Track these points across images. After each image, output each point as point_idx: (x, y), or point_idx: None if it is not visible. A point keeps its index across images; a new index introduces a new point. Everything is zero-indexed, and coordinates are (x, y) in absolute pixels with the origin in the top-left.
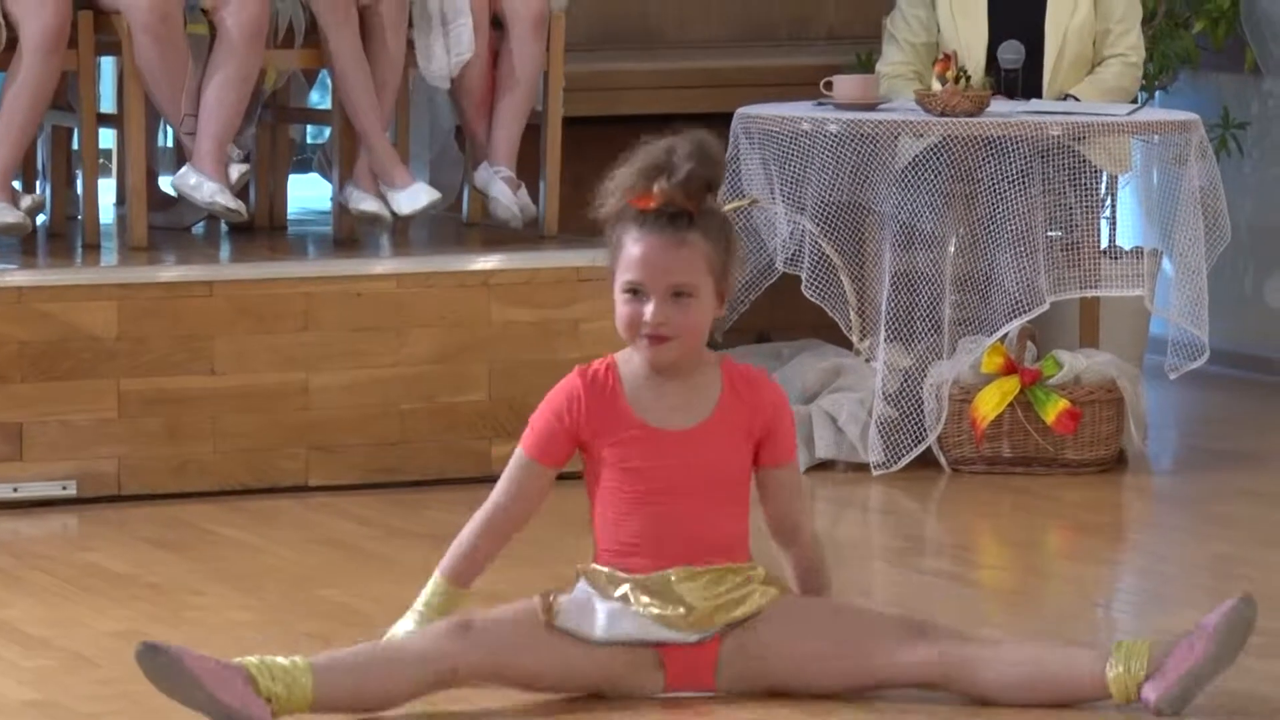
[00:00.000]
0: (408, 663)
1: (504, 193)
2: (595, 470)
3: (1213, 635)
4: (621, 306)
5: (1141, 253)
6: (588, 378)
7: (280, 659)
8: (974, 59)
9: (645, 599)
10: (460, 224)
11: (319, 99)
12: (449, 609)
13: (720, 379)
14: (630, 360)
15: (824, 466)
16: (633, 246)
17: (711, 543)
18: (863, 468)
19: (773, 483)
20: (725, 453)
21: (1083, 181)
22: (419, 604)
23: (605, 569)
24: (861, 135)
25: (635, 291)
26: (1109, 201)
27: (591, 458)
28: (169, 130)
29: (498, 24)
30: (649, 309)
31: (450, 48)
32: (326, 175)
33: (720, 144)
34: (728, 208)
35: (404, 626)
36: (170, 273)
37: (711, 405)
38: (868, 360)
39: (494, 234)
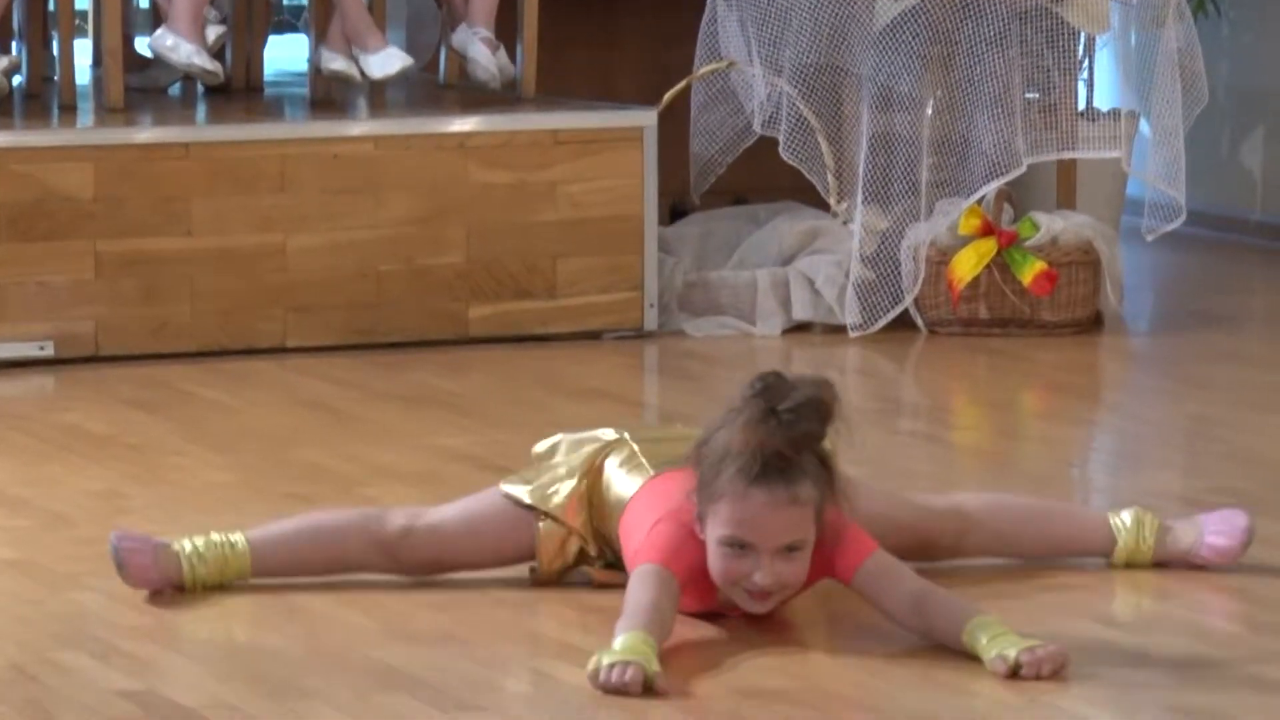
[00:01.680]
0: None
1: (482, 54)
2: None
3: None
4: (721, 560)
5: (1119, 114)
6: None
7: (218, 537)
8: None
9: None
10: (437, 86)
11: None
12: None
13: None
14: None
15: (801, 328)
16: (739, 501)
17: None
18: (840, 329)
19: (866, 585)
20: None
21: (1060, 43)
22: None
23: None
24: None
25: (741, 547)
26: (1086, 63)
27: None
28: None
29: None
30: (759, 574)
31: None
32: (307, 34)
33: (836, 395)
34: (703, 70)
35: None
36: (146, 134)
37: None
38: (845, 222)
39: (471, 96)
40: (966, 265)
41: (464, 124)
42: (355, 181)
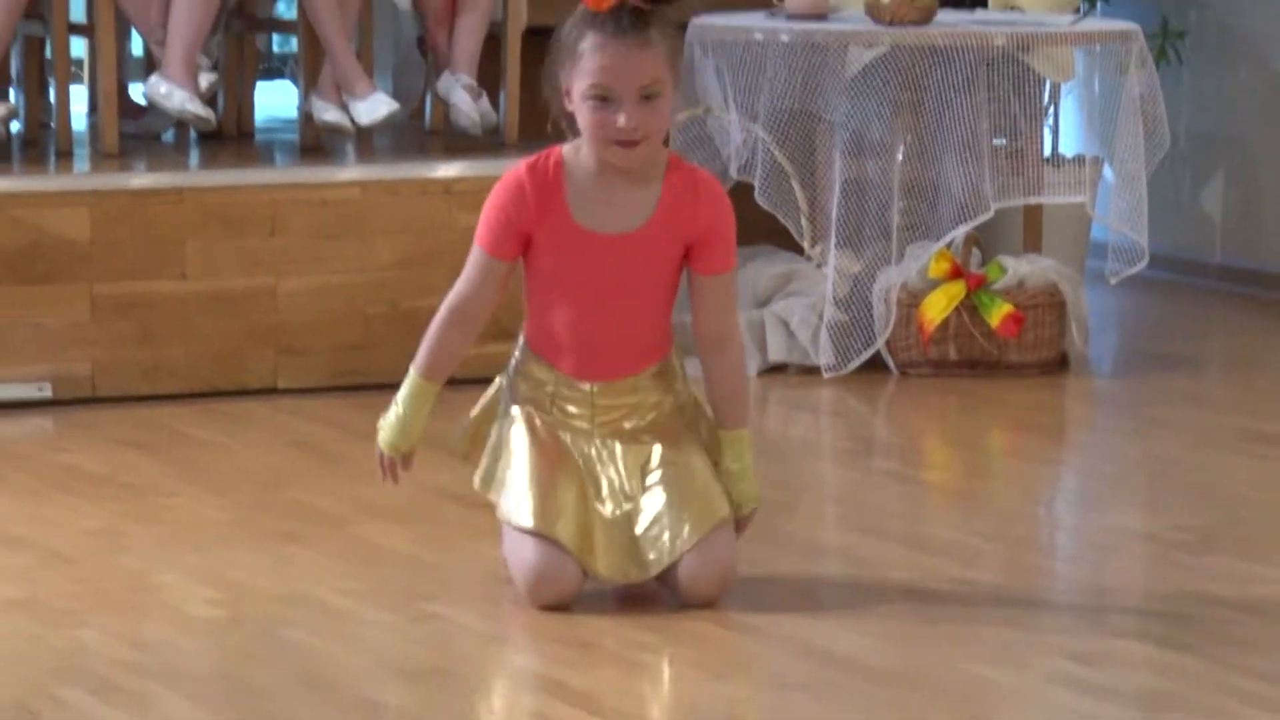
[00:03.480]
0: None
1: (464, 101)
2: (533, 257)
3: None
4: (590, 114)
5: (1083, 160)
6: (534, 173)
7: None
8: None
9: (564, 402)
10: (423, 132)
11: (284, 9)
12: (424, 404)
13: (662, 185)
14: (577, 157)
15: (777, 370)
16: (595, 53)
17: (633, 350)
18: (814, 371)
19: (703, 290)
20: (655, 261)
21: (1026, 90)
22: (397, 400)
23: (537, 357)
24: (812, 45)
25: (604, 98)
26: (1052, 109)
27: (530, 246)
28: (139, 39)
29: None
30: (622, 116)
31: None
32: (296, 82)
33: None
34: (681, 116)
35: (386, 422)
36: (141, 179)
37: (649, 213)
38: (818, 266)
39: (455, 142)
40: (936, 308)
41: (448, 169)
42: (343, 226)
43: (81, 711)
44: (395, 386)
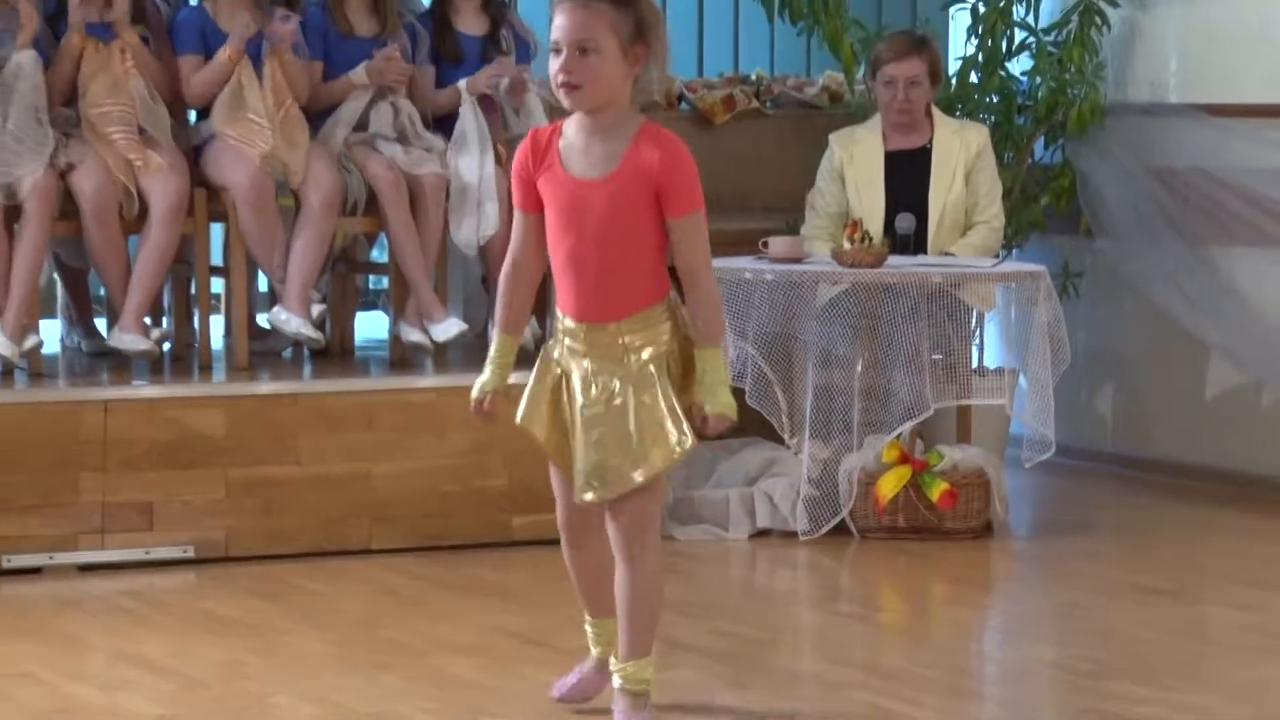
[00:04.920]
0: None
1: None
2: (545, 210)
3: None
4: (549, 65)
5: (1003, 371)
6: (535, 136)
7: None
8: (875, 225)
9: (567, 340)
10: (487, 348)
11: (378, 255)
12: (507, 353)
13: (631, 140)
14: (570, 123)
15: (763, 534)
16: (554, 14)
17: (618, 292)
18: (792, 535)
19: (673, 231)
20: (626, 202)
21: (958, 317)
22: (490, 358)
23: (558, 311)
24: (790, 282)
25: (556, 51)
26: (978, 332)
27: (540, 198)
28: (264, 278)
29: None
30: (559, 63)
31: (480, 224)
32: (387, 311)
33: None
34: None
35: (483, 378)
36: (265, 387)
37: (618, 160)
38: (796, 453)
39: None
40: (889, 486)
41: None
42: (423, 422)
43: None
44: (467, 548)
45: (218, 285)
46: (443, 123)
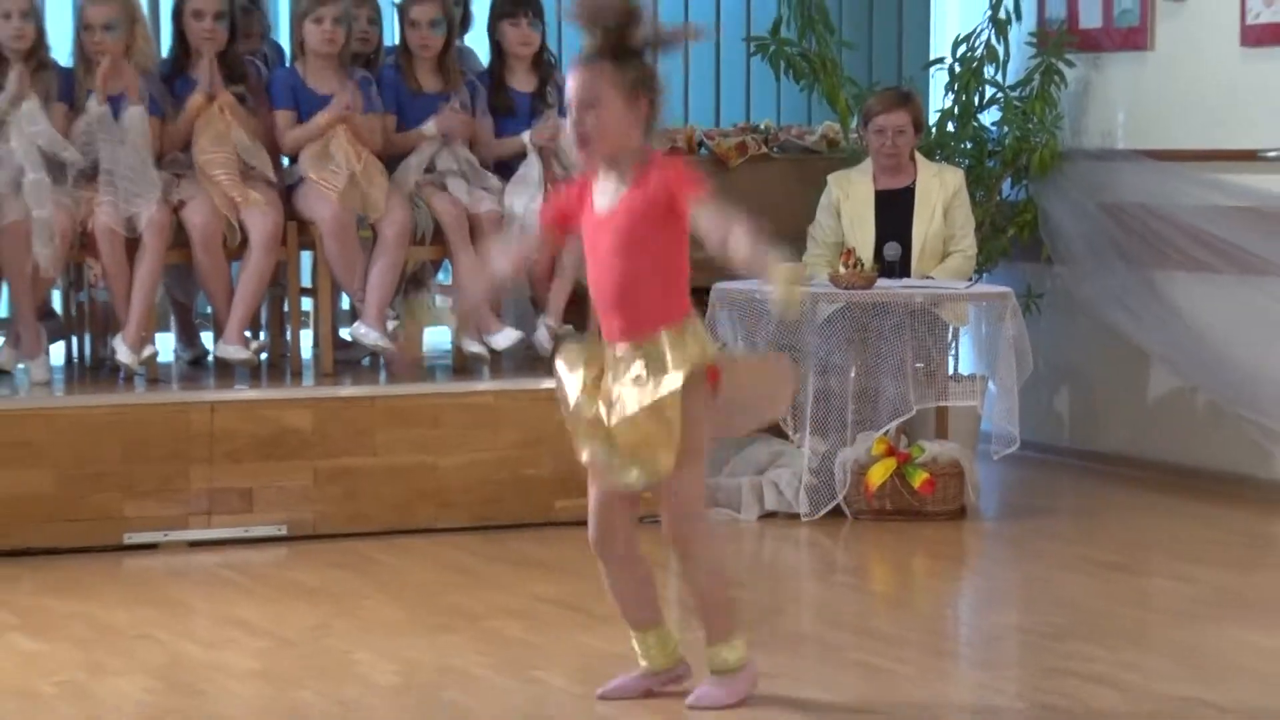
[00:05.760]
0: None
1: (543, 335)
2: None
3: None
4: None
5: (975, 377)
6: (584, 180)
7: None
8: (866, 253)
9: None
10: (535, 356)
11: (444, 276)
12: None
13: (639, 169)
14: (600, 169)
15: (771, 515)
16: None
17: (637, 314)
18: (795, 517)
19: (696, 221)
20: (636, 223)
21: (937, 331)
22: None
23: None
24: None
25: (570, 110)
26: (954, 344)
27: (574, 229)
28: (346, 298)
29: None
30: (568, 120)
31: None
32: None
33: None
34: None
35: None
36: (347, 390)
37: (626, 190)
38: (799, 446)
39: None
40: (877, 475)
41: (550, 382)
42: (481, 421)
43: None
44: (516, 527)
45: (307, 304)
46: (499, 166)
